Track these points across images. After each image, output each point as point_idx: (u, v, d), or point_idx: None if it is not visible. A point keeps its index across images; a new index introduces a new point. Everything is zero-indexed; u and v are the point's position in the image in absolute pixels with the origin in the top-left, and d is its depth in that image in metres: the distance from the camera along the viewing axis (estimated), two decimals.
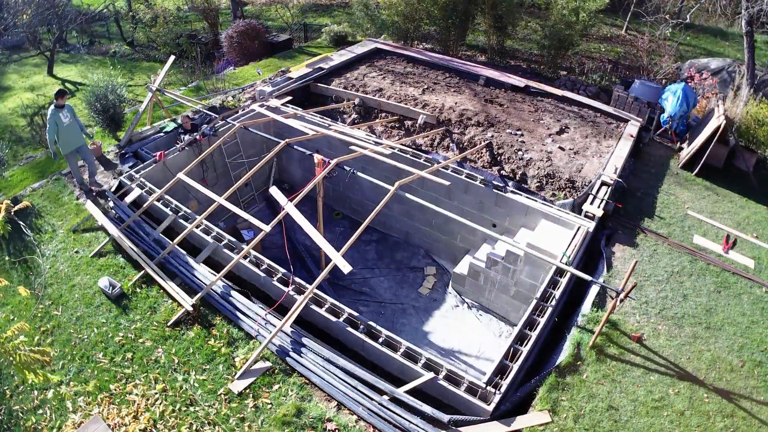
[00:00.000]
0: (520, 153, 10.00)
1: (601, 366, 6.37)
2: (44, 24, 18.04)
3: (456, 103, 11.46)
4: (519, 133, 10.59)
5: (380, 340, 6.64)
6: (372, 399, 6.06)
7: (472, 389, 6.07)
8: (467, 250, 10.15)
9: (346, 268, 6.84)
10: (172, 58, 11.65)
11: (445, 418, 5.84)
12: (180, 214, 8.56)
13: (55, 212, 9.04)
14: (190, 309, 7.01)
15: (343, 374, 6.36)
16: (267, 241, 9.85)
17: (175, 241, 7.90)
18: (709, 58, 15.16)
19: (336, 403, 6.09)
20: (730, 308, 7.24)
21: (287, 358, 6.55)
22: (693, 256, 8.07)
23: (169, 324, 6.96)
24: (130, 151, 10.28)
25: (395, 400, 6.07)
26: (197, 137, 10.07)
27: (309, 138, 9.63)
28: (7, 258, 8.29)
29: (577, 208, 8.82)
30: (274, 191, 8.27)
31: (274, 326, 6.79)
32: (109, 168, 9.96)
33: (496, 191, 9.23)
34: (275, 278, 7.44)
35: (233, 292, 7.39)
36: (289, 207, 7.91)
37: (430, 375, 6.15)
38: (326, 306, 7.06)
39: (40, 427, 5.93)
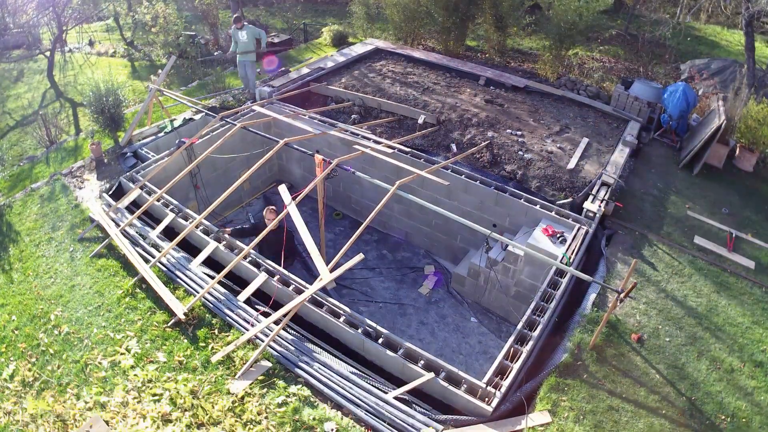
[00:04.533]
0: (520, 153, 9.99)
1: (601, 366, 6.37)
2: (44, 24, 18.03)
3: (456, 103, 11.46)
4: (519, 133, 10.58)
5: (380, 340, 6.64)
6: (372, 399, 6.06)
7: (472, 389, 6.06)
8: (467, 250, 10.15)
9: (330, 284, 6.90)
10: (173, 58, 11.64)
11: (445, 418, 5.84)
12: (180, 214, 8.56)
13: (55, 212, 9.04)
14: (182, 318, 6.94)
15: (342, 375, 6.36)
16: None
17: (171, 244, 7.84)
18: (709, 58, 15.15)
19: (335, 403, 6.09)
20: (730, 309, 7.24)
21: (286, 360, 6.54)
22: (693, 257, 8.07)
23: (168, 325, 6.96)
24: (130, 151, 10.28)
25: (395, 401, 6.07)
26: (190, 141, 10.03)
27: (308, 138, 9.63)
28: (5, 258, 8.29)
29: (577, 208, 8.82)
30: (282, 189, 8.29)
31: (276, 325, 6.79)
32: (104, 171, 9.95)
33: (496, 191, 9.23)
34: (275, 279, 7.44)
35: (230, 292, 7.38)
36: (291, 207, 7.91)
37: (430, 375, 6.15)
38: (326, 306, 7.05)
39: (40, 427, 5.92)
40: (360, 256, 6.80)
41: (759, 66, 13.05)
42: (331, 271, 7.01)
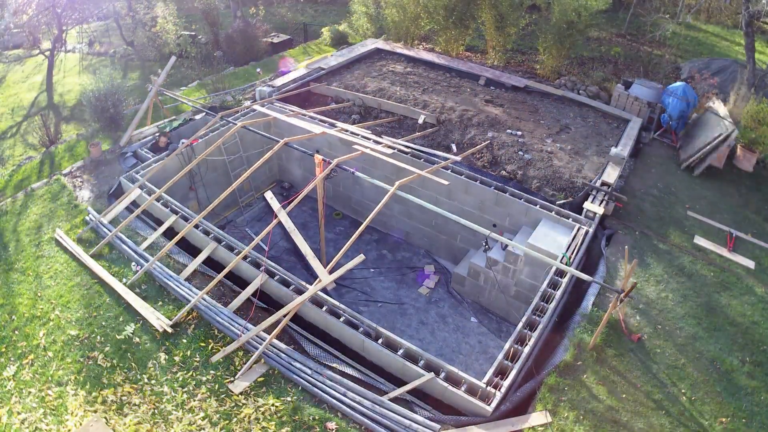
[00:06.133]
0: (520, 153, 9.99)
1: (601, 366, 6.37)
2: (45, 24, 18.04)
3: (456, 103, 11.45)
4: (519, 133, 10.58)
5: (380, 340, 6.64)
6: (371, 400, 6.05)
7: (472, 389, 6.06)
8: (467, 250, 10.14)
9: (330, 284, 6.88)
10: (173, 58, 11.64)
11: (444, 418, 5.84)
12: (180, 214, 8.54)
13: (54, 212, 9.03)
14: (169, 330, 6.87)
15: (341, 375, 6.35)
16: (265, 241, 9.82)
17: (163, 251, 7.81)
18: (709, 58, 15.14)
19: (335, 403, 6.08)
20: (730, 309, 7.24)
21: (284, 361, 6.53)
22: (693, 257, 8.06)
23: (169, 324, 6.95)
24: (130, 151, 10.28)
25: (395, 401, 6.07)
26: (190, 141, 10.02)
27: (308, 138, 9.62)
28: (5, 258, 8.28)
29: (577, 208, 8.82)
30: (269, 196, 8.25)
31: (275, 327, 6.78)
32: (104, 171, 9.93)
33: (496, 191, 9.22)
34: (275, 278, 7.44)
35: (230, 292, 7.37)
36: (281, 214, 7.88)
37: (430, 375, 6.14)
38: (326, 306, 7.05)
39: (40, 427, 5.92)
40: (361, 257, 6.78)
41: (759, 66, 13.05)
42: (331, 272, 7.01)
